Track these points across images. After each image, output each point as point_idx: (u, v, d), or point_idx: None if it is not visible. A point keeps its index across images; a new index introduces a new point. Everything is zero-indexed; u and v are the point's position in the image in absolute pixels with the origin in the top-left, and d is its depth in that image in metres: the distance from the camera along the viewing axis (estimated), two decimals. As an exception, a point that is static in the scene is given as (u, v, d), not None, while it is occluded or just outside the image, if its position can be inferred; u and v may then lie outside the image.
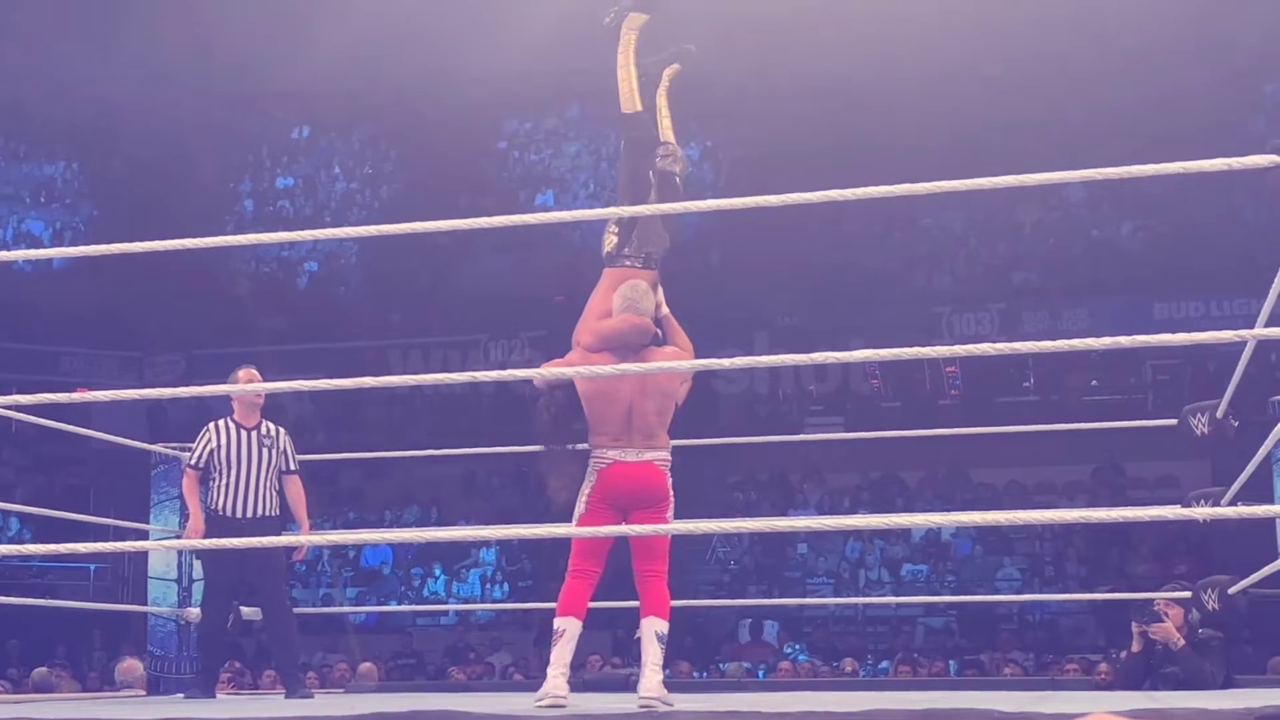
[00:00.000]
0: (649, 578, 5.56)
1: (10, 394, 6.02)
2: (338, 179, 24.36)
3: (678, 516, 5.65)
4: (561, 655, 5.39)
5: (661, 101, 6.16)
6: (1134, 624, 7.25)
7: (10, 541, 17.41)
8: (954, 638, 16.60)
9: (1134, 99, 18.31)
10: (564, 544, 5.71)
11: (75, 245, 21.62)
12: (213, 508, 7.25)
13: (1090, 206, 20.34)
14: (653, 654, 5.43)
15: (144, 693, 8.36)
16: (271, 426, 7.41)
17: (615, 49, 6.07)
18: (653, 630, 5.47)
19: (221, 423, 7.32)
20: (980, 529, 17.42)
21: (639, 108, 6.03)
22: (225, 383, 7.20)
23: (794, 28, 18.62)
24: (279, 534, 7.15)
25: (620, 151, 6.03)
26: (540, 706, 5.24)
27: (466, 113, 21.26)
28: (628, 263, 5.77)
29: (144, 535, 8.43)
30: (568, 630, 5.42)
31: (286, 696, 7.30)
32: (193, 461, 7.32)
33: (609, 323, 5.62)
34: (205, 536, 7.30)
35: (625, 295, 5.63)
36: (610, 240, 5.81)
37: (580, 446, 5.62)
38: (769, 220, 18.17)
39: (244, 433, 7.29)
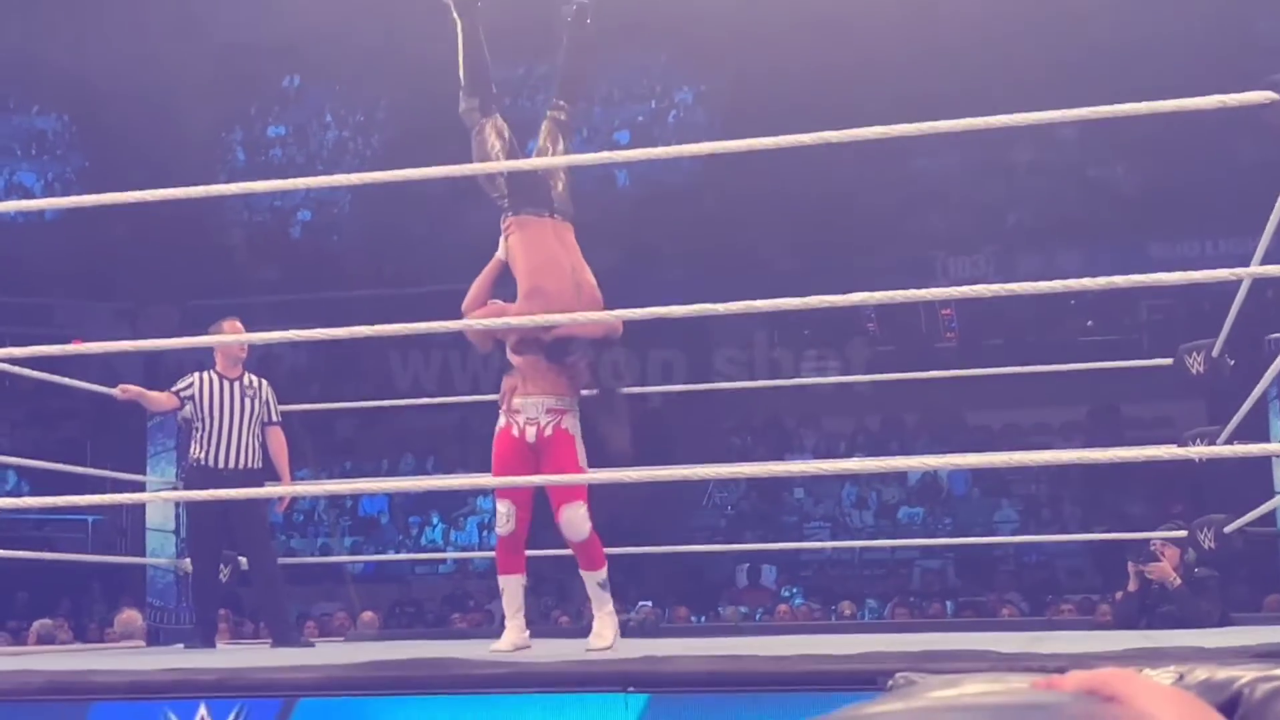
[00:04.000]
0: None
1: (3, 346, 6.01)
2: (329, 127, 24.25)
3: (676, 462, 5.66)
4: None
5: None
6: (1130, 564, 7.27)
7: (8, 495, 17.42)
8: (951, 580, 16.66)
9: (1127, 37, 18.21)
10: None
11: (67, 196, 21.52)
12: (195, 459, 7.25)
13: (1084, 146, 20.27)
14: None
15: (143, 643, 8.38)
16: (254, 378, 7.40)
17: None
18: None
19: (205, 374, 7.32)
20: (977, 471, 17.46)
21: None
22: (215, 334, 7.21)
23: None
24: (262, 485, 7.16)
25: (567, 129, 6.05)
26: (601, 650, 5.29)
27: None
28: None
29: (141, 487, 8.43)
30: None
31: (273, 645, 7.33)
32: (173, 388, 7.32)
33: None
34: (188, 488, 7.34)
35: None
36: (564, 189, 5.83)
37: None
38: (762, 165, 18.12)
39: (226, 384, 7.28)
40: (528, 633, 5.54)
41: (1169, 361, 7.16)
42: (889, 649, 4.26)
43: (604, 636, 5.42)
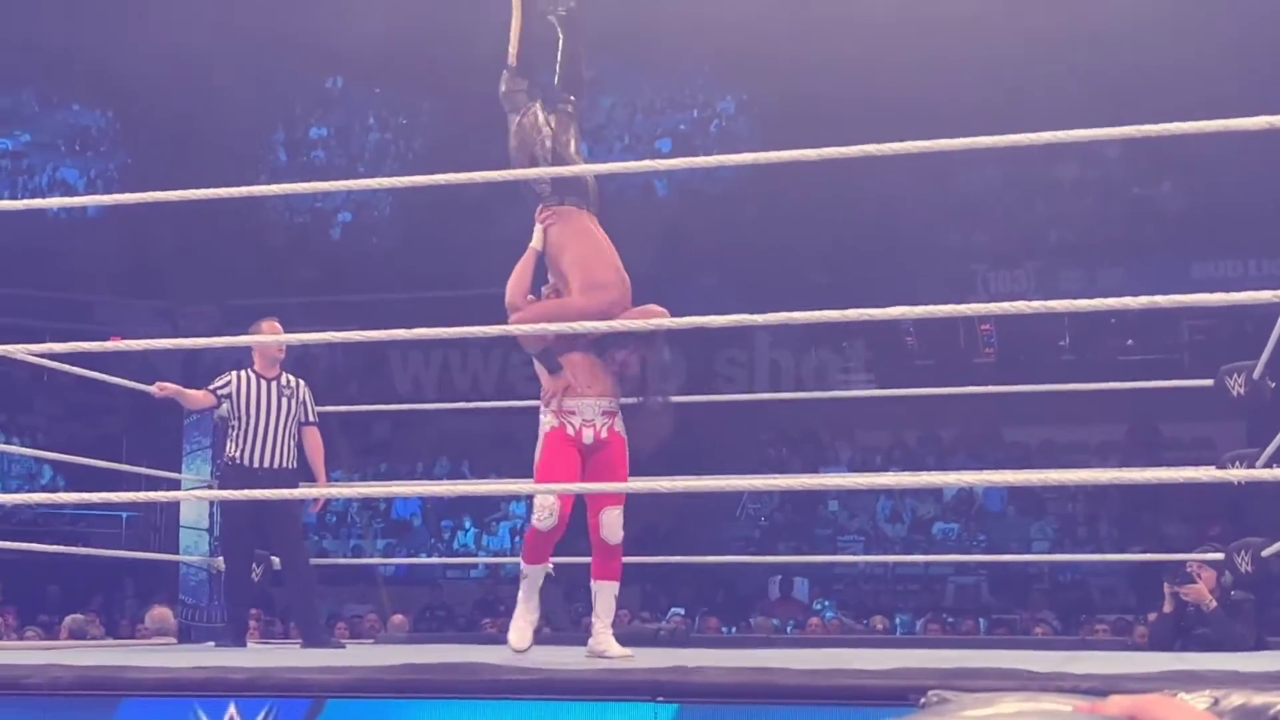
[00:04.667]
0: None
1: (44, 342, 6.04)
2: (371, 129, 24.32)
3: (711, 472, 5.65)
4: None
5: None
6: (1166, 585, 7.22)
7: (44, 489, 17.51)
8: (984, 597, 16.58)
9: (1173, 57, 18.10)
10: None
11: (109, 194, 21.64)
12: (231, 457, 7.26)
13: (1128, 165, 20.17)
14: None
15: (175, 641, 8.41)
16: (291, 378, 7.40)
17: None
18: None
19: (242, 373, 7.33)
20: (1013, 488, 17.38)
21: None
22: (254, 333, 7.22)
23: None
24: (297, 486, 7.15)
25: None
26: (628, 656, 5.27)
27: (500, 63, 21.08)
28: None
29: (176, 484, 8.46)
30: None
31: (303, 646, 7.32)
32: (210, 386, 7.33)
33: None
34: (223, 486, 7.34)
35: None
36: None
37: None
38: (803, 176, 18.08)
39: (264, 383, 7.29)
40: (538, 614, 5.53)
41: (1209, 382, 7.10)
42: (921, 665, 4.23)
43: (619, 646, 5.40)
